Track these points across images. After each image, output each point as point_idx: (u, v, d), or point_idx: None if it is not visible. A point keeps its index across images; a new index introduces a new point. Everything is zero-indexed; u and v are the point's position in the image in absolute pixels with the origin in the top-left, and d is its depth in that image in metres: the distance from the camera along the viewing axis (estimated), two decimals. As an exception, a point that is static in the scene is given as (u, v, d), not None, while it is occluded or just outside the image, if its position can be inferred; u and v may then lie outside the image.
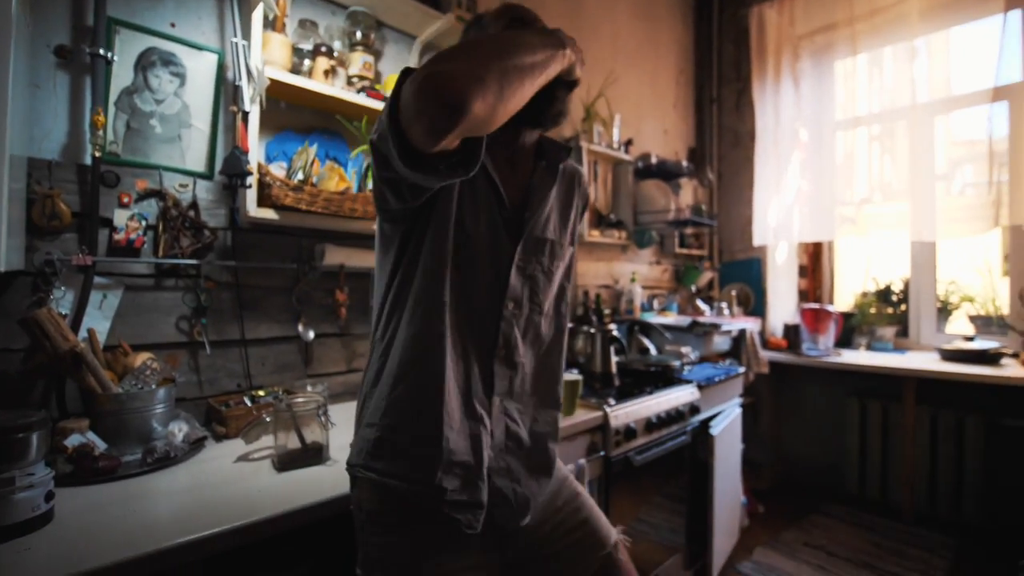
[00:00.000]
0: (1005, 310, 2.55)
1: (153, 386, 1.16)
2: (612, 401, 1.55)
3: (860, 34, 2.67)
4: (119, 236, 1.22)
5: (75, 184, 1.19)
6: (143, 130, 1.27)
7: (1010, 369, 2.23)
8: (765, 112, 2.93)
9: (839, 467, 2.81)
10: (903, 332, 2.90)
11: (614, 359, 1.74)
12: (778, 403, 3.10)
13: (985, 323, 2.64)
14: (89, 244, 1.18)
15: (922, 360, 2.52)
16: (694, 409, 1.83)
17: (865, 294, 3.05)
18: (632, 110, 2.74)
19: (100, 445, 1.05)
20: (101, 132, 1.17)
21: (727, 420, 2.03)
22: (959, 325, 2.78)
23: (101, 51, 1.18)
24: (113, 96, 1.23)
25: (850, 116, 2.83)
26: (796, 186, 2.92)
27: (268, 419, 1.13)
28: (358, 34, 1.56)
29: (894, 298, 2.94)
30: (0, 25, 0.88)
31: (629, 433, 1.53)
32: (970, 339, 2.48)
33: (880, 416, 2.64)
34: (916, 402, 2.45)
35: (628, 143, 2.53)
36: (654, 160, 2.53)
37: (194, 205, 1.33)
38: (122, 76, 1.24)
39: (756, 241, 3.00)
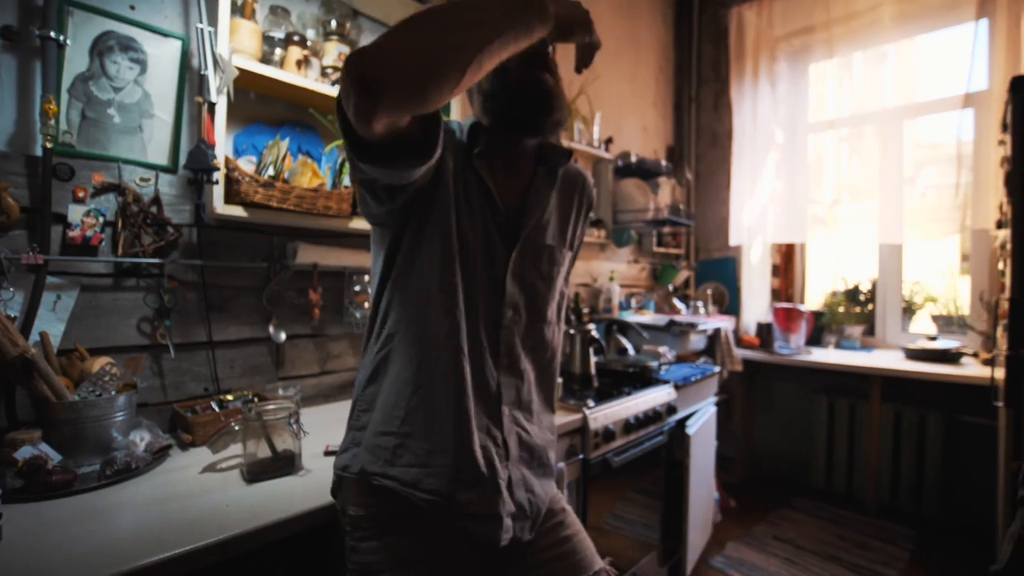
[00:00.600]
0: (966, 310, 2.65)
1: (112, 392, 1.10)
2: (591, 403, 1.55)
3: (836, 37, 2.72)
4: (74, 233, 1.14)
5: (24, 177, 1.11)
6: (100, 120, 1.19)
7: (970, 368, 2.31)
8: (743, 113, 2.96)
9: (807, 462, 2.88)
10: (870, 331, 2.99)
11: (593, 360, 1.73)
12: (750, 399, 3.16)
13: (947, 323, 2.74)
14: (40, 242, 1.10)
15: (888, 359, 2.60)
16: (671, 409, 1.84)
17: (835, 294, 3.13)
18: (612, 108, 2.73)
19: (54, 457, 0.99)
20: (53, 121, 1.09)
21: (703, 419, 2.06)
22: (923, 324, 2.88)
23: (52, 33, 1.09)
24: (66, 83, 1.15)
25: (823, 119, 2.89)
26: (771, 186, 2.97)
27: (237, 427, 1.09)
28: (333, 23, 1.50)
29: (862, 298, 3.03)
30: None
31: (608, 435, 1.53)
32: (933, 339, 2.56)
33: (847, 413, 2.72)
34: (881, 399, 2.54)
35: (608, 141, 2.52)
36: (634, 159, 2.53)
37: (156, 200, 1.25)
38: (76, 61, 1.16)
39: (732, 241, 3.04)
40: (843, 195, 2.85)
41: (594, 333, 1.79)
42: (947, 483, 2.43)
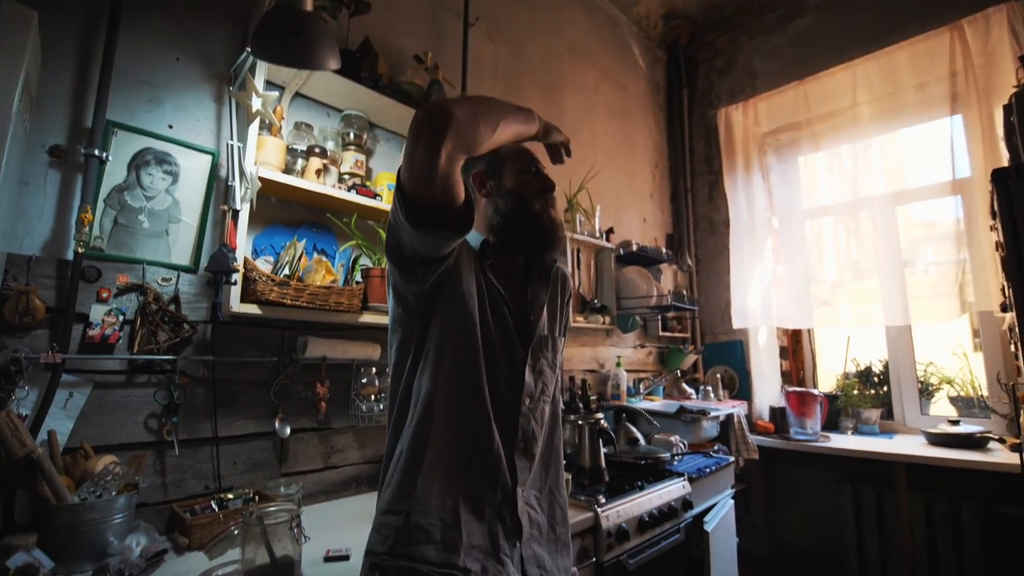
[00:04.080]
0: (984, 391, 2.58)
1: (114, 493, 1.08)
2: (602, 499, 1.49)
3: (820, 133, 2.90)
4: (94, 332, 1.19)
5: (53, 279, 1.17)
6: (130, 225, 1.28)
7: (999, 454, 2.21)
8: (737, 203, 3.09)
9: (838, 556, 2.67)
10: (888, 414, 2.90)
11: (602, 452, 1.68)
12: (770, 489, 3.00)
13: (967, 404, 2.65)
14: (61, 341, 1.14)
15: (910, 444, 2.49)
16: (687, 504, 1.76)
17: (847, 376, 3.07)
18: (612, 201, 2.87)
19: (46, 564, 0.96)
20: (87, 229, 1.18)
21: (721, 513, 1.95)
22: (942, 407, 2.79)
23: (96, 152, 1.21)
24: (103, 193, 1.25)
25: (816, 205, 3.00)
26: (771, 271, 3.03)
27: (236, 531, 1.05)
28: (351, 135, 1.64)
29: (875, 379, 2.97)
30: (-1, 129, 0.91)
31: (621, 535, 1.45)
32: (955, 422, 2.48)
33: (874, 503, 2.56)
34: (909, 488, 2.40)
35: (609, 231, 2.62)
36: (635, 247, 2.62)
37: (176, 299, 1.31)
38: (115, 174, 1.27)
39: (735, 324, 3.05)
40: (844, 276, 2.89)
41: (603, 423, 1.76)
42: (994, 583, 2.23)
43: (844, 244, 2.93)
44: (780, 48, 3.11)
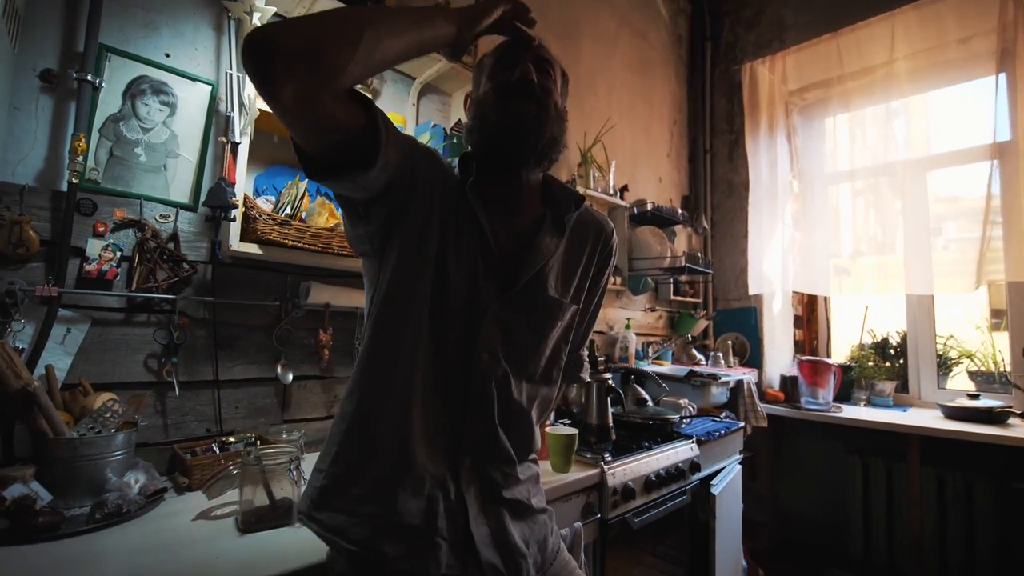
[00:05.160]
0: (1006, 367, 2.51)
1: (112, 430, 1.06)
2: (609, 457, 1.46)
3: (850, 92, 2.74)
4: (90, 267, 1.15)
5: (48, 211, 1.13)
6: (127, 158, 1.22)
7: (1019, 429, 2.15)
8: (758, 164, 2.97)
9: (842, 529, 2.67)
10: (903, 387, 2.84)
11: (610, 411, 1.65)
12: (777, 458, 2.98)
13: (987, 379, 2.59)
14: (57, 274, 1.11)
15: (925, 417, 2.44)
16: (695, 466, 1.73)
17: (862, 347, 3.00)
18: (627, 158, 2.76)
19: (44, 497, 0.95)
20: (81, 159, 1.12)
21: (728, 478, 1.93)
22: (960, 381, 2.72)
23: (89, 77, 1.14)
24: (98, 123, 1.19)
25: (841, 170, 2.88)
26: (790, 236, 2.93)
27: (235, 471, 1.03)
28: (357, 72, 1.55)
29: (892, 351, 2.90)
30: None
31: (627, 493, 1.43)
32: (974, 397, 2.41)
33: (884, 476, 2.53)
34: (921, 462, 2.36)
35: (624, 189, 2.53)
36: (649, 206, 2.53)
37: (174, 237, 1.26)
38: (109, 103, 1.20)
39: (752, 290, 2.97)
40: (867, 244, 2.79)
41: (611, 382, 1.72)
42: (1005, 560, 2.20)
43: (869, 211, 2.81)
44: (814, -3, 2.92)
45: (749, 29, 3.18)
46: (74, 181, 1.12)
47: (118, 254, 1.18)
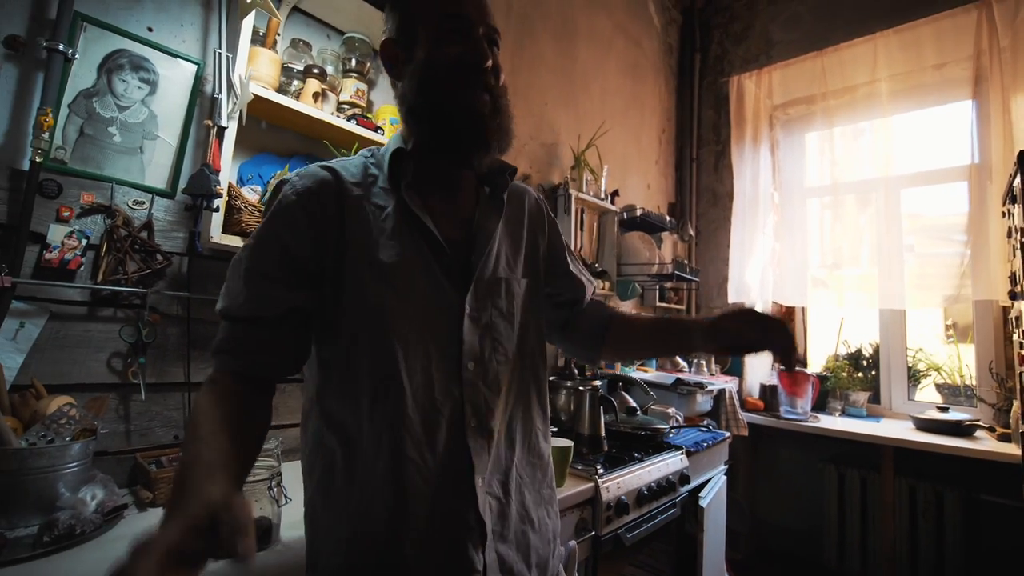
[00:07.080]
0: (971, 380, 2.59)
1: (68, 439, 0.95)
2: (601, 470, 1.41)
3: (832, 109, 2.80)
4: (51, 255, 1.04)
5: (6, 191, 1.01)
6: (98, 137, 1.11)
7: (986, 443, 2.22)
8: (743, 175, 3.00)
9: (817, 538, 2.71)
10: (875, 398, 2.91)
11: (603, 420, 1.61)
12: (754, 467, 3.01)
13: (952, 392, 2.67)
14: (12, 262, 0.99)
15: (897, 429, 2.50)
16: (684, 478, 1.71)
17: (837, 357, 3.06)
18: (618, 163, 2.75)
19: (-13, 514, 0.84)
20: (47, 135, 1.01)
21: (715, 488, 1.92)
22: (927, 393, 2.80)
23: (60, 47, 1.03)
24: (68, 98, 1.08)
25: (820, 184, 2.94)
26: (771, 247, 2.97)
27: (212, 484, 0.94)
28: (353, 60, 1.48)
29: (865, 362, 2.96)
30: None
31: (620, 508, 1.39)
32: (944, 409, 2.48)
33: (858, 486, 2.58)
34: (895, 473, 2.41)
35: (614, 194, 2.51)
36: (639, 212, 2.51)
37: (148, 225, 1.16)
38: (83, 77, 1.10)
39: (732, 299, 3.00)
40: (842, 258, 2.86)
41: (602, 391, 1.68)
42: (972, 568, 2.27)
43: (846, 224, 2.88)
44: (800, 16, 2.98)
45: (737, 43, 3.23)
46: (37, 160, 1.01)
47: (84, 242, 1.07)
